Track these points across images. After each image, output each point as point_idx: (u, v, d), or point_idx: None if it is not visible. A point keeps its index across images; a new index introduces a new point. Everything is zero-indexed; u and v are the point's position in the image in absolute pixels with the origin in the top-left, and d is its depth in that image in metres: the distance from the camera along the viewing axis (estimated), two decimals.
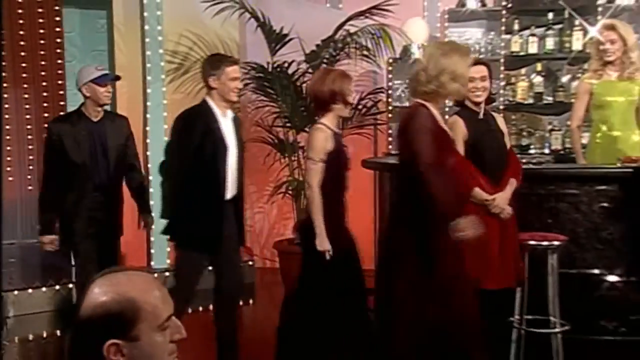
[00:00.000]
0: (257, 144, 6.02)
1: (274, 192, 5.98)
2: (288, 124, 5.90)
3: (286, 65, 5.75)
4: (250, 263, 6.16)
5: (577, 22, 5.66)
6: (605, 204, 4.13)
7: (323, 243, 3.62)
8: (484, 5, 6.02)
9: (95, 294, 1.49)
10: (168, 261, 5.88)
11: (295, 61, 5.78)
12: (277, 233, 6.51)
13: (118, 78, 4.49)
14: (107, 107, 4.27)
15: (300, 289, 3.84)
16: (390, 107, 6.05)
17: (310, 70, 5.83)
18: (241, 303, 5.76)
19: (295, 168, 5.91)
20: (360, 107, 5.97)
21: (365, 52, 5.77)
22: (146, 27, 5.91)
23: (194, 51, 5.92)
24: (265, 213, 6.60)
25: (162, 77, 5.91)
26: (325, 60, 5.82)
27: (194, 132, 3.71)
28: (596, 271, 4.14)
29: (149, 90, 5.92)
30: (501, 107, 5.81)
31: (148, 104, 5.92)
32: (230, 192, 3.80)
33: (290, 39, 5.78)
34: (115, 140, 4.15)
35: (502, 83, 5.84)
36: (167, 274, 5.47)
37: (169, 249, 5.78)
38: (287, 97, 5.77)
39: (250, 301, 5.75)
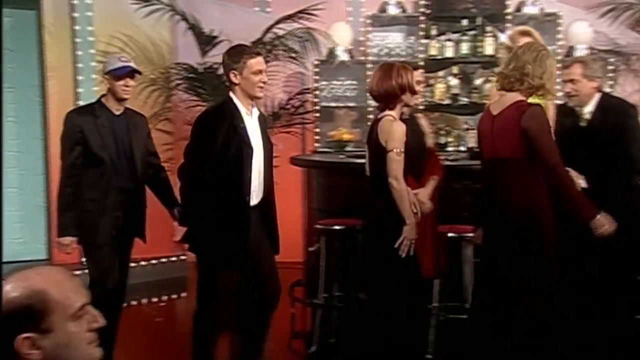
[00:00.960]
0: None
1: None
2: None
3: (216, 66, 5.76)
4: (183, 257, 6.14)
5: (488, 29, 5.89)
6: None
7: (411, 231, 3.51)
8: (404, 11, 6.19)
9: (6, 292, 1.44)
10: None
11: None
12: None
13: (137, 72, 3.83)
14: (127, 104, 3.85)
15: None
16: (317, 107, 6.14)
17: None
18: (174, 296, 5.81)
19: None
20: (288, 106, 6.05)
21: (292, 54, 5.84)
22: (76, 28, 5.82)
23: (125, 52, 5.84)
24: None
25: (92, 77, 5.81)
26: None
27: (217, 132, 3.35)
28: None
29: (80, 90, 5.82)
30: (421, 107, 5.98)
31: (79, 103, 5.80)
32: (256, 197, 3.51)
33: (220, 41, 5.78)
34: (138, 136, 3.77)
35: (422, 85, 6.00)
36: None
37: None
38: (218, 97, 5.76)
39: (183, 294, 5.73)
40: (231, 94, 3.46)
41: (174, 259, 6.15)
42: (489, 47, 5.88)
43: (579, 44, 6.01)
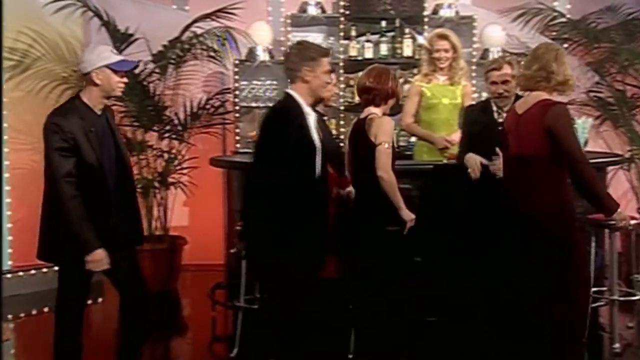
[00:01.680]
0: None
1: None
2: (136, 123, 5.71)
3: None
4: None
5: (407, 31, 5.93)
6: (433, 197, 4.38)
7: (407, 213, 3.63)
8: (323, 11, 6.16)
9: None
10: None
11: (142, 61, 5.60)
12: None
13: (137, 66, 3.49)
14: None
15: None
16: (237, 107, 6.03)
17: (157, 71, 5.68)
18: (90, 302, 5.56)
19: (144, 166, 5.74)
20: (208, 106, 5.92)
21: (212, 54, 5.71)
22: None
23: (34, 48, 5.55)
24: None
25: None
26: (172, 61, 5.70)
27: (290, 131, 3.16)
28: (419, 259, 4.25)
29: None
30: (342, 107, 5.98)
31: None
32: None
33: (136, 39, 5.59)
34: (118, 136, 3.39)
35: (342, 85, 6.01)
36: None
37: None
38: (134, 96, 5.58)
39: (100, 299, 5.51)
40: (292, 92, 3.25)
41: None
42: (407, 49, 5.93)
43: (493, 46, 6.14)
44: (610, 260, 4.20)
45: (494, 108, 4.07)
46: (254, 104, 6.10)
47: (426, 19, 5.99)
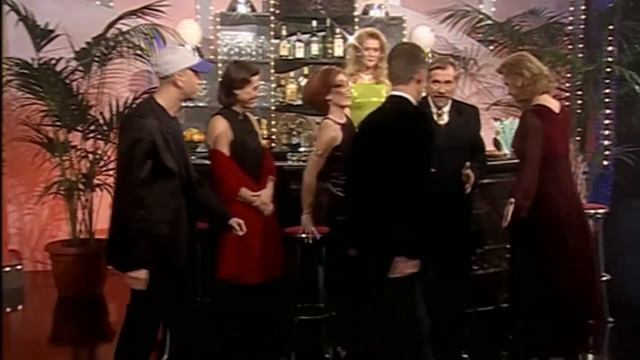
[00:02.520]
0: (24, 143, 5.56)
1: (44, 193, 5.56)
2: (58, 123, 5.51)
3: (53, 62, 5.37)
4: (19, 267, 5.68)
5: (337, 31, 5.94)
6: None
7: (306, 218, 3.82)
8: (253, 10, 6.10)
9: None
10: None
11: (64, 58, 5.42)
12: (49, 235, 6.07)
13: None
14: None
15: None
16: None
17: (80, 68, 5.50)
18: (9, 309, 5.34)
19: (67, 168, 5.54)
20: (134, 106, 5.76)
21: (138, 52, 5.56)
22: None
23: None
24: (36, 214, 6.11)
25: None
26: (96, 58, 5.53)
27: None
28: None
29: None
30: (272, 107, 5.94)
31: None
32: None
33: (57, 35, 5.40)
34: (183, 140, 3.32)
35: (273, 85, 5.97)
36: None
37: None
38: (55, 95, 5.39)
39: (19, 306, 5.31)
40: (402, 93, 3.24)
41: (7, 269, 5.65)
42: (338, 49, 5.93)
43: (422, 47, 6.22)
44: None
45: (434, 109, 4.00)
46: (182, 104, 5.96)
47: (357, 19, 6.01)
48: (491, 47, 6.45)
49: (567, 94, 6.18)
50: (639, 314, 4.90)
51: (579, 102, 6.11)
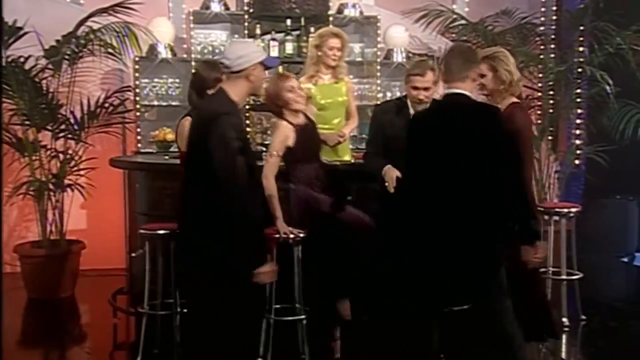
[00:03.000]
0: None
1: (13, 193, 5.46)
2: (27, 122, 5.42)
3: (22, 60, 5.28)
4: None
5: (312, 30, 5.93)
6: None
7: (282, 225, 3.83)
8: (227, 8, 6.07)
9: None
10: None
11: (33, 56, 5.34)
12: (19, 236, 5.97)
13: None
14: None
15: None
16: (138, 106, 5.85)
17: (50, 67, 5.42)
18: None
19: (37, 168, 5.46)
20: (106, 105, 5.70)
21: (110, 50, 5.50)
22: None
23: None
24: (4, 215, 6.00)
25: None
26: (66, 57, 5.46)
27: None
28: None
29: None
30: (246, 107, 5.91)
31: None
32: None
33: (26, 33, 5.31)
34: None
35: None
36: None
37: None
38: (24, 93, 5.31)
39: None
40: (465, 91, 3.29)
41: None
42: None
43: (397, 47, 6.27)
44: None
45: (412, 110, 3.98)
46: (155, 103, 5.93)
47: (331, 18, 6.03)
48: None
49: (539, 94, 6.26)
50: (610, 311, 4.99)
51: (551, 102, 6.18)
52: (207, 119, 3.04)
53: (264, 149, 5.29)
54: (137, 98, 5.84)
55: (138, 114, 5.85)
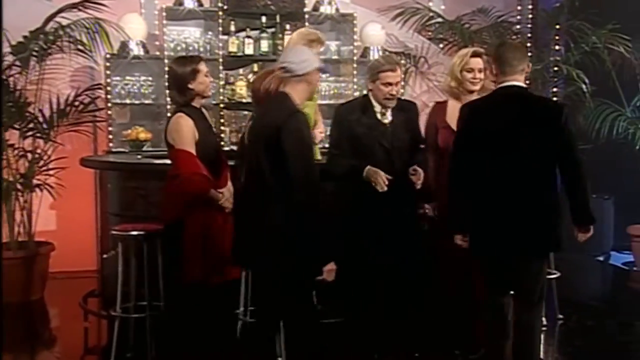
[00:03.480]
0: None
1: None
2: None
3: None
4: None
5: (287, 27, 5.91)
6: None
7: None
8: (201, 5, 6.01)
9: None
10: None
11: None
12: None
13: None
14: None
15: None
16: (109, 104, 5.76)
17: (17, 63, 5.32)
18: None
19: (5, 167, 5.35)
20: (77, 103, 5.61)
21: (80, 47, 5.41)
22: None
23: None
24: None
25: None
26: (35, 53, 5.36)
27: None
28: None
29: None
30: (221, 105, 5.87)
31: None
32: None
33: None
34: None
35: (222, 82, 5.89)
36: None
37: None
38: None
39: None
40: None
41: None
42: None
43: (373, 45, 6.26)
44: None
45: (377, 108, 3.97)
46: (127, 101, 5.86)
47: (307, 16, 6.01)
48: (441, 45, 6.53)
49: None
50: (587, 311, 5.04)
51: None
52: (279, 120, 3.18)
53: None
54: (109, 96, 5.75)
55: (109, 112, 5.76)
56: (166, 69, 5.33)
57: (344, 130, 3.98)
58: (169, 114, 4.48)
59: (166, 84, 4.25)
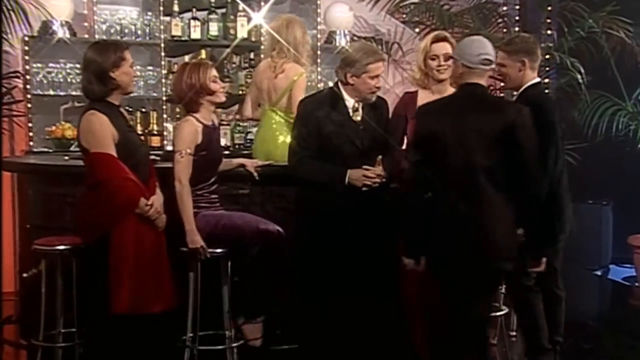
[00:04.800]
0: None
1: None
2: None
3: None
4: None
5: (241, 8, 5.91)
6: (277, 205, 4.39)
7: (195, 239, 3.88)
8: None
9: None
10: None
11: None
12: None
13: None
14: None
15: None
16: (28, 96, 5.70)
17: None
18: None
19: None
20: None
21: None
22: None
23: None
24: None
25: None
26: None
27: None
28: None
29: None
30: (164, 98, 5.84)
31: None
32: None
33: None
34: None
35: (164, 71, 5.87)
36: None
37: None
38: None
39: None
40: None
41: None
42: (241, 29, 5.92)
43: (340, 28, 6.30)
44: None
45: (350, 103, 4.01)
46: (51, 92, 5.81)
47: None
48: (417, 30, 6.58)
49: (502, 84, 6.38)
50: (584, 331, 5.11)
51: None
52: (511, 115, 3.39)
53: None
54: (28, 86, 5.71)
55: (29, 105, 5.69)
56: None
57: (312, 128, 4.01)
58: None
59: None
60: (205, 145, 3.99)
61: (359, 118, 4.02)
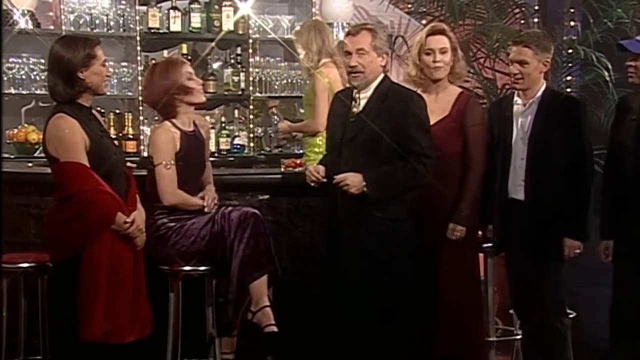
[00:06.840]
0: None
1: None
2: None
3: None
4: None
5: None
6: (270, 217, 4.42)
7: None
8: None
9: None
10: None
11: None
12: None
13: None
14: None
15: None
16: None
17: None
18: None
19: None
20: None
21: None
22: None
23: None
24: None
25: None
26: None
27: None
28: None
29: None
30: (140, 98, 5.87)
31: None
32: None
33: None
34: None
35: (141, 68, 5.91)
36: None
37: None
38: None
39: None
40: None
41: None
42: (227, 20, 5.96)
43: (337, 20, 6.36)
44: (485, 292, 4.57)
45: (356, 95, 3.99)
46: (13, 91, 5.84)
47: None
48: (424, 22, 6.61)
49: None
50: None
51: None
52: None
53: None
54: None
55: None
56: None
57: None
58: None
59: None
60: (184, 154, 3.99)
61: (355, 110, 3.96)
